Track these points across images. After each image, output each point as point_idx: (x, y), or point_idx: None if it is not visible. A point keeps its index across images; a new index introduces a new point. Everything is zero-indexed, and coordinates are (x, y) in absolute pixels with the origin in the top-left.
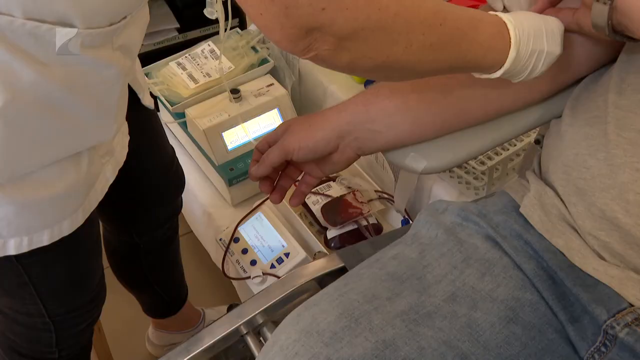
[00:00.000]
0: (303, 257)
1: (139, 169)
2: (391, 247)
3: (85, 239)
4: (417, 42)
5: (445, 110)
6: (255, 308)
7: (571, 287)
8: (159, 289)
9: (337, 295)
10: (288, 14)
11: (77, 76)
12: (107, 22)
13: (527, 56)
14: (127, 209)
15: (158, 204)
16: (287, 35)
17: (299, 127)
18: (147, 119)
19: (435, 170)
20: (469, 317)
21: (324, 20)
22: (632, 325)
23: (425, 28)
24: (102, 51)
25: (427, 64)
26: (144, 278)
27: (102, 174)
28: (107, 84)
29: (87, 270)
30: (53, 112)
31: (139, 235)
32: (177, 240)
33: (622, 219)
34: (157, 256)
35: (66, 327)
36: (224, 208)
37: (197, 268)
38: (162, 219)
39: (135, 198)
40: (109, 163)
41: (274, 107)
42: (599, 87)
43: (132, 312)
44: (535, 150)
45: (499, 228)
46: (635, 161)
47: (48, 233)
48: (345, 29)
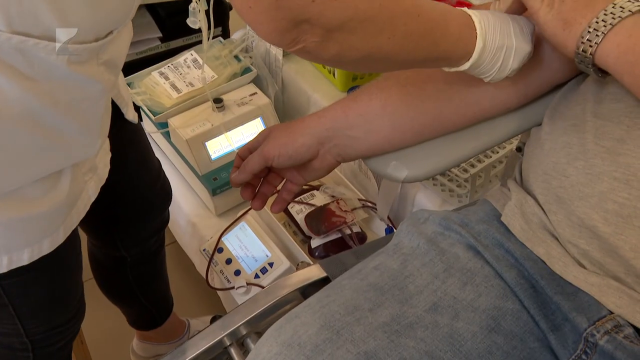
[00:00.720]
0: (287, 266)
1: (125, 183)
2: (373, 258)
3: (66, 258)
4: (400, 32)
5: (423, 115)
6: (239, 319)
7: (552, 295)
8: (145, 302)
9: (319, 307)
10: (279, 6)
11: (62, 92)
12: (93, 37)
13: (494, 49)
14: (115, 223)
15: (145, 218)
16: (276, 27)
17: (280, 134)
18: (132, 133)
19: (417, 178)
20: (450, 327)
21: (313, 11)
22: (612, 333)
23: (407, 18)
24: (87, 67)
25: (407, 53)
26: (130, 291)
27: (85, 192)
28: (91, 100)
29: (68, 289)
30: (37, 128)
31: (126, 249)
32: (164, 252)
33: (601, 227)
34: (143, 269)
35: (44, 345)
36: (208, 218)
37: (181, 278)
38: (149, 232)
39: (123, 212)
40: (91, 180)
41: (257, 116)
42: (577, 96)
43: (115, 324)
44: (516, 157)
45: (481, 237)
46: (614, 170)
47: (28, 252)
48: (334, 20)
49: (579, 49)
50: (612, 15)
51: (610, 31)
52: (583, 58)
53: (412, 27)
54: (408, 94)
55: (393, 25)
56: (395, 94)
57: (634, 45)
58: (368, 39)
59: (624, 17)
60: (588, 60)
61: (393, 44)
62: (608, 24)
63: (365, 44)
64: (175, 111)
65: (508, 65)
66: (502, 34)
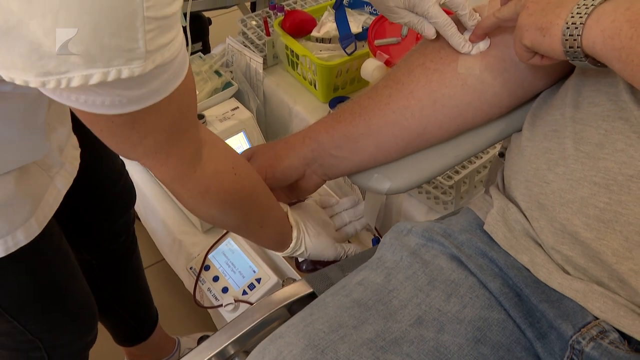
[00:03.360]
0: (275, 281)
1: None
2: (357, 273)
3: (46, 251)
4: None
5: (408, 132)
6: (226, 339)
7: (537, 303)
8: (124, 313)
9: (303, 326)
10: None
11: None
12: None
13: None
14: (74, 221)
15: (106, 217)
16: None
17: (265, 156)
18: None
19: (400, 190)
20: (436, 341)
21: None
22: (597, 339)
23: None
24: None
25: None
26: (105, 301)
27: (52, 186)
28: (32, 105)
29: (56, 284)
30: None
31: (88, 250)
32: (136, 259)
33: (583, 233)
34: (112, 274)
35: (57, 345)
36: (194, 235)
37: (171, 296)
38: (112, 234)
39: (84, 208)
40: (58, 175)
41: (239, 130)
42: (556, 101)
43: (104, 345)
44: (499, 163)
45: (464, 247)
46: (594, 175)
47: (2, 244)
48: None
49: (565, 47)
50: (584, 5)
51: (588, 18)
52: (574, 54)
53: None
54: (392, 112)
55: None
56: (379, 113)
57: (619, 30)
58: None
59: (597, 4)
60: (579, 53)
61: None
62: (583, 13)
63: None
64: None
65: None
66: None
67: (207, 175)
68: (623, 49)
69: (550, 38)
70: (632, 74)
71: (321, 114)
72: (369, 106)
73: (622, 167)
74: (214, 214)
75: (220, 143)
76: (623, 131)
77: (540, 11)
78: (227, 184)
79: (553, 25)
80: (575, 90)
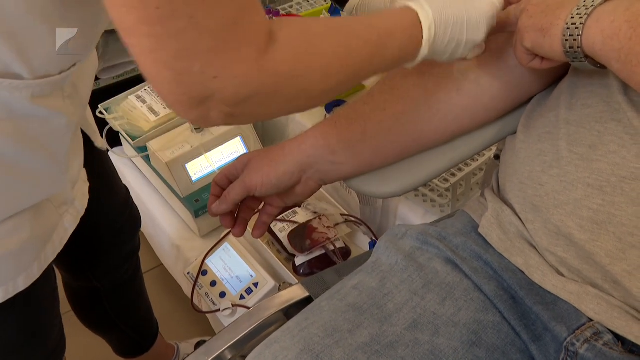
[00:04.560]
0: (272, 286)
1: (95, 212)
2: (352, 277)
3: (41, 294)
4: (318, 91)
5: (404, 137)
6: (222, 344)
7: (532, 305)
8: (127, 330)
9: (298, 331)
10: (181, 81)
11: (26, 128)
12: (57, 71)
13: (442, 49)
14: (83, 254)
15: (115, 246)
16: (179, 101)
17: (260, 163)
18: (101, 162)
19: (396, 194)
20: (431, 344)
21: (215, 88)
22: (592, 341)
23: (327, 77)
24: (52, 100)
25: (331, 97)
26: (109, 320)
27: (60, 225)
28: (57, 134)
29: (44, 324)
30: (4, 166)
31: (98, 279)
32: (140, 277)
33: (577, 234)
34: (120, 297)
35: None
36: (192, 240)
37: (169, 301)
38: (120, 259)
39: (92, 241)
40: (67, 213)
41: (236, 135)
42: (550, 103)
43: (102, 353)
44: (495, 165)
45: (459, 250)
46: (587, 177)
47: (2, 291)
48: (237, 96)
49: (565, 47)
50: (584, 6)
51: (589, 19)
52: (574, 54)
53: (334, 79)
54: (388, 118)
55: (309, 90)
56: (375, 119)
57: (618, 30)
58: (281, 107)
59: (597, 4)
60: (579, 54)
61: (314, 102)
62: (583, 14)
63: (279, 111)
64: (154, 134)
65: (456, 54)
66: (454, 31)
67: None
68: (622, 49)
69: (550, 39)
70: (630, 75)
71: (318, 118)
72: (365, 112)
73: (615, 169)
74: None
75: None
76: (616, 133)
77: (541, 13)
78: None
79: (553, 26)
80: (568, 93)
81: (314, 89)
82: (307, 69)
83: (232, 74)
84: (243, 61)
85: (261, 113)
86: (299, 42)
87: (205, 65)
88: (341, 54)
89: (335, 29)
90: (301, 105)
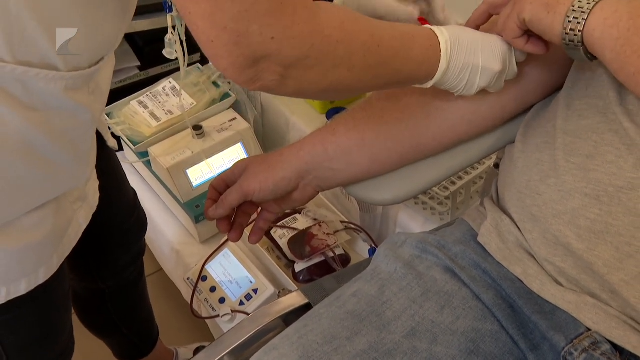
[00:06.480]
0: (272, 292)
1: (105, 211)
2: (351, 284)
3: (57, 291)
4: (359, 65)
5: (402, 145)
6: (222, 350)
7: (530, 314)
8: (128, 332)
9: (297, 338)
10: (238, 42)
11: (56, 121)
12: (87, 64)
13: (459, 69)
14: (91, 254)
15: (122, 247)
16: (234, 63)
17: (258, 169)
18: (111, 161)
19: (395, 201)
20: (429, 352)
21: (272, 48)
22: (590, 350)
23: (366, 51)
24: (80, 95)
25: (368, 81)
26: (112, 323)
27: (75, 220)
28: (82, 129)
29: (57, 324)
30: (33, 159)
31: (104, 281)
32: (143, 281)
33: (575, 244)
34: (123, 299)
35: None
36: (192, 245)
37: (168, 306)
38: (126, 262)
39: (100, 243)
40: (81, 209)
41: (237, 141)
42: (547, 113)
43: (103, 357)
44: (495, 174)
45: (458, 258)
46: (584, 186)
47: (25, 282)
48: (291, 57)
49: (566, 29)
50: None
51: (596, 6)
52: (572, 37)
53: (371, 59)
54: (386, 125)
55: (351, 60)
56: (373, 126)
57: (619, 20)
58: (326, 74)
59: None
60: (577, 39)
61: (352, 77)
62: (592, 0)
63: (323, 79)
64: (155, 140)
65: (475, 83)
66: (469, 53)
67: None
68: (619, 39)
69: (553, 16)
70: (621, 66)
71: (318, 125)
72: (363, 119)
73: (612, 179)
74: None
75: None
76: (613, 143)
77: None
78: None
79: (560, 4)
80: (565, 103)
81: (353, 60)
82: (349, 36)
83: (288, 34)
84: (298, 23)
85: (308, 79)
86: (342, 13)
87: (263, 26)
88: (375, 35)
89: (365, 18)
90: (342, 76)
